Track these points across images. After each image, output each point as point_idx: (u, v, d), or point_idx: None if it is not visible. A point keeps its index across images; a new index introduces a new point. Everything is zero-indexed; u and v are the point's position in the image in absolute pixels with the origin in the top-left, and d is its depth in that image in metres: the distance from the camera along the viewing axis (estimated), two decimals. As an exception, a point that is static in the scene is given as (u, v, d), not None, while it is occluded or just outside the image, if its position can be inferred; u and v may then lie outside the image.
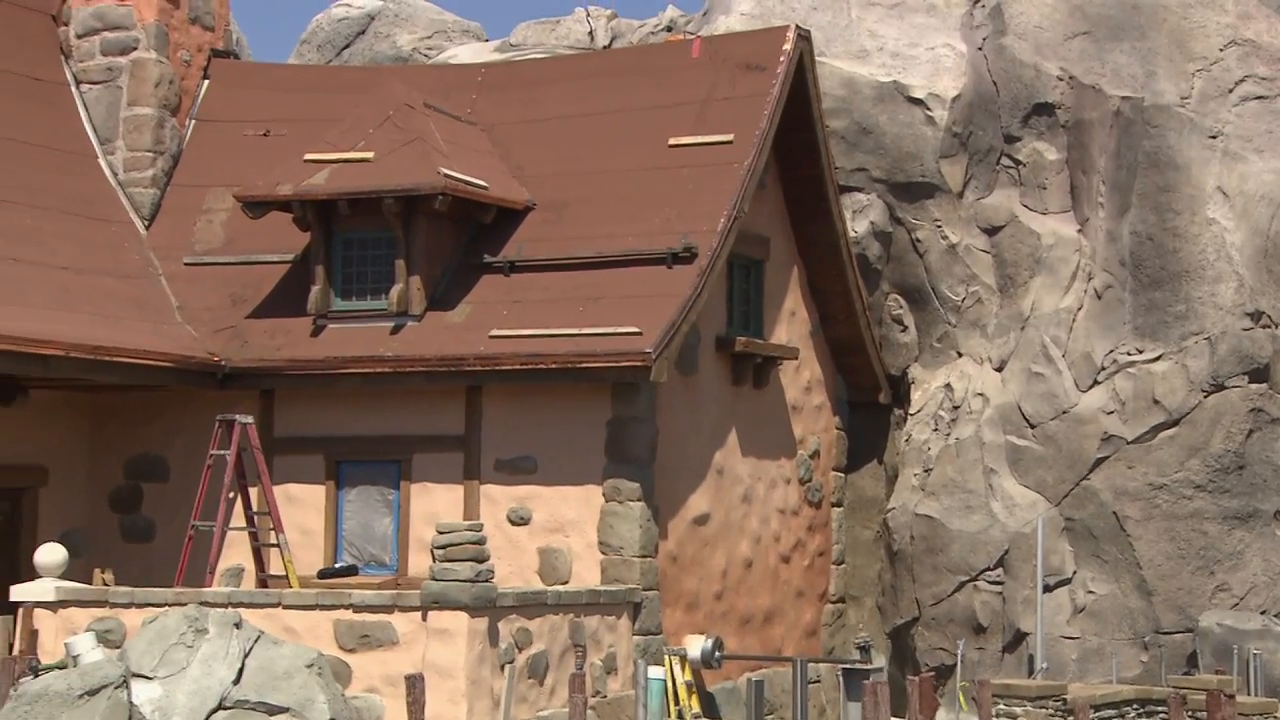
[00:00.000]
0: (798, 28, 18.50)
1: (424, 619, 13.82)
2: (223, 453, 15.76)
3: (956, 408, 20.08)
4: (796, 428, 19.50)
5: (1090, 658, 18.82)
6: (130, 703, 10.58)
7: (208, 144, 19.68)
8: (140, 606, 14.33)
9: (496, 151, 18.64)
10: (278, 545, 16.08)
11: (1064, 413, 19.30)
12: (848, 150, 20.44)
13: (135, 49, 19.30)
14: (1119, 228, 19.48)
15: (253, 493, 16.24)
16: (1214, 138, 19.41)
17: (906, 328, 20.86)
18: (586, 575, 16.38)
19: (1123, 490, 18.93)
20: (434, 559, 13.96)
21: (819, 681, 19.23)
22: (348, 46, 27.22)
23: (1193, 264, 19.06)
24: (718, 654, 17.08)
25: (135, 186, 19.17)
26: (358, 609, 14.04)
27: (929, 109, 20.47)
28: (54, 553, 15.08)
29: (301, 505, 17.24)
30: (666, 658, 16.54)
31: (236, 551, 16.57)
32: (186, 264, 18.67)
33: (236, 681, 10.77)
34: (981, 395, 19.91)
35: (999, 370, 20.03)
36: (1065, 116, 20.07)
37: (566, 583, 16.30)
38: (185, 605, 11.94)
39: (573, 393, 16.47)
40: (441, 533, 14.00)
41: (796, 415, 19.49)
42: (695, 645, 16.99)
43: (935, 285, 20.54)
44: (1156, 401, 18.94)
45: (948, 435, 19.95)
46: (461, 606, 13.74)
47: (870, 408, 20.76)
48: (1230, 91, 19.63)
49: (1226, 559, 18.72)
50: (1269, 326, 18.98)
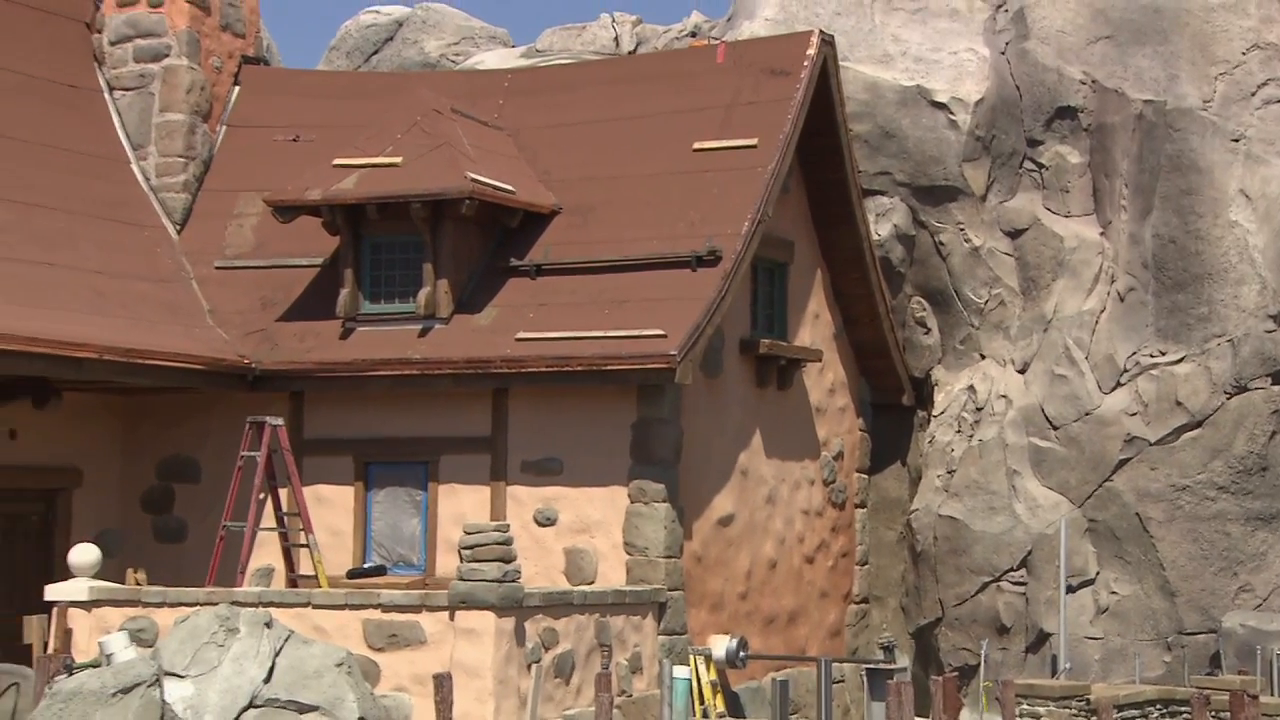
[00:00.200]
0: (821, 33, 18.46)
1: (451, 619, 13.83)
2: (253, 454, 15.78)
3: (979, 409, 20.01)
4: (820, 429, 19.46)
5: (1113, 658, 18.73)
6: (163, 701, 10.60)
7: (238, 149, 19.74)
8: (172, 606, 14.37)
9: (523, 156, 18.65)
10: (307, 546, 16.09)
11: (1087, 414, 19.21)
12: (871, 154, 20.39)
13: (167, 56, 19.38)
14: (1141, 230, 19.39)
15: (283, 494, 16.26)
16: (1236, 141, 19.31)
17: (930, 330, 20.80)
18: (612, 576, 16.37)
19: (1145, 491, 18.84)
20: (461, 559, 13.96)
21: (843, 681, 19.18)
22: (376, 53, 27.29)
23: (1215, 266, 18.96)
24: (742, 654, 17.05)
25: (167, 191, 19.25)
26: (386, 609, 14.05)
27: (952, 113, 20.41)
28: (88, 553, 15.13)
29: (331, 506, 17.27)
30: (691, 657, 16.52)
31: (267, 552, 16.60)
32: (217, 268, 18.74)
33: (267, 680, 10.78)
34: (1004, 397, 19.84)
35: (1022, 372, 19.95)
36: (1088, 120, 19.99)
37: (592, 583, 16.29)
38: (217, 605, 11.96)
39: (598, 395, 16.46)
40: (469, 533, 14.01)
41: (820, 417, 19.44)
42: (720, 645, 16.96)
43: (958, 288, 20.48)
44: (1179, 403, 18.84)
45: (971, 437, 19.89)
46: (488, 606, 13.74)
47: (894, 409, 20.71)
48: (1252, 95, 19.52)
49: (1249, 560, 18.62)
50: (1291, 328, 18.89)
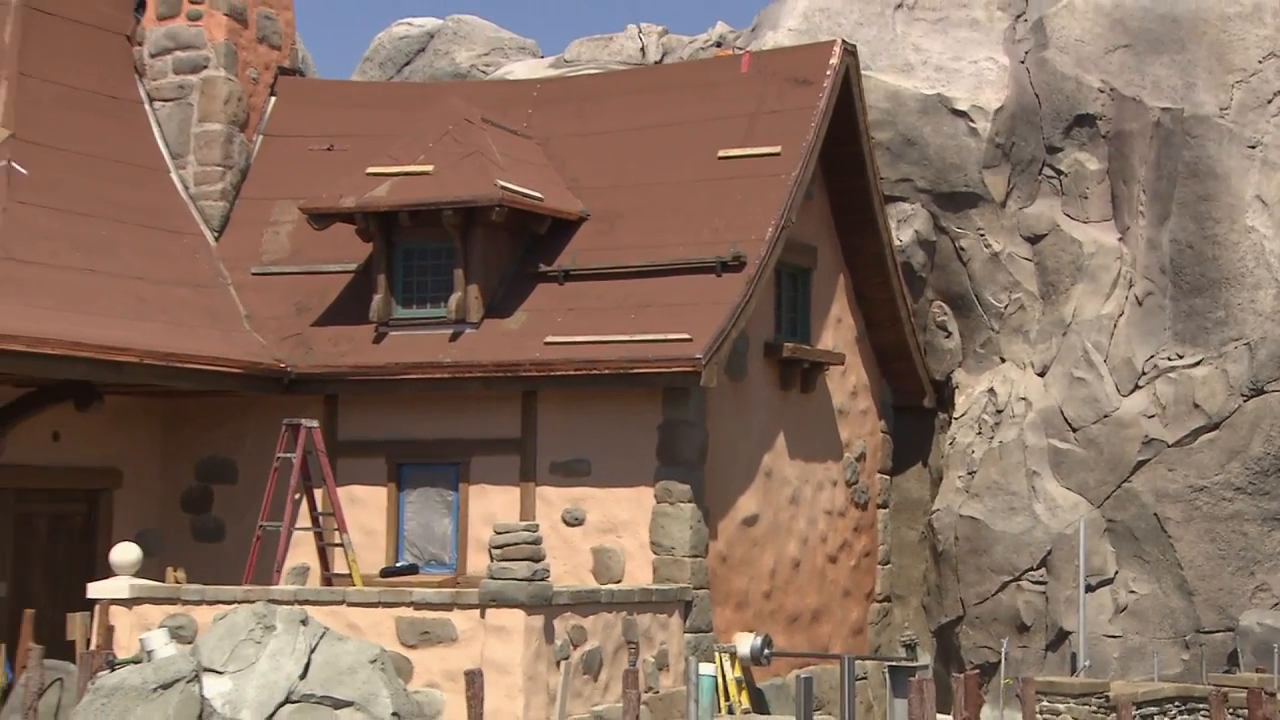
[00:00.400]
0: (844, 42, 18.45)
1: (482, 616, 13.86)
2: (289, 456, 15.83)
3: (1000, 412, 19.97)
4: (843, 431, 19.44)
5: (1132, 656, 18.67)
6: (202, 696, 10.65)
7: (274, 158, 19.81)
8: (211, 604, 14.42)
9: (551, 164, 18.68)
10: (342, 545, 16.14)
11: (1105, 416, 19.16)
12: (893, 161, 20.38)
13: (206, 67, 19.46)
14: (1159, 236, 19.33)
15: (318, 494, 16.32)
16: (1253, 148, 19.23)
17: (951, 334, 20.76)
18: (639, 574, 16.38)
19: (1164, 492, 18.78)
20: (492, 558, 13.99)
21: (866, 678, 19.16)
22: (409, 64, 27.35)
23: (1232, 271, 18.89)
24: (767, 651, 17.05)
25: (205, 199, 19.32)
26: (418, 606, 14.09)
27: (972, 121, 20.38)
28: (129, 552, 15.20)
29: (364, 506, 17.33)
30: (717, 655, 16.52)
31: (302, 551, 16.65)
32: (254, 274, 18.81)
33: (303, 676, 10.82)
34: (1024, 399, 19.80)
35: (1041, 375, 19.91)
36: (1106, 127, 19.93)
37: (619, 582, 16.31)
38: (254, 603, 12.01)
39: (625, 397, 16.48)
40: (499, 533, 14.04)
41: (843, 419, 19.43)
42: (745, 643, 16.96)
43: (979, 292, 20.44)
44: (1197, 405, 18.77)
45: (991, 439, 19.85)
46: (518, 604, 13.77)
47: (915, 412, 20.67)
48: (1269, 102, 19.44)
49: (1266, 560, 18.53)
50: (1308, 332, 18.79)
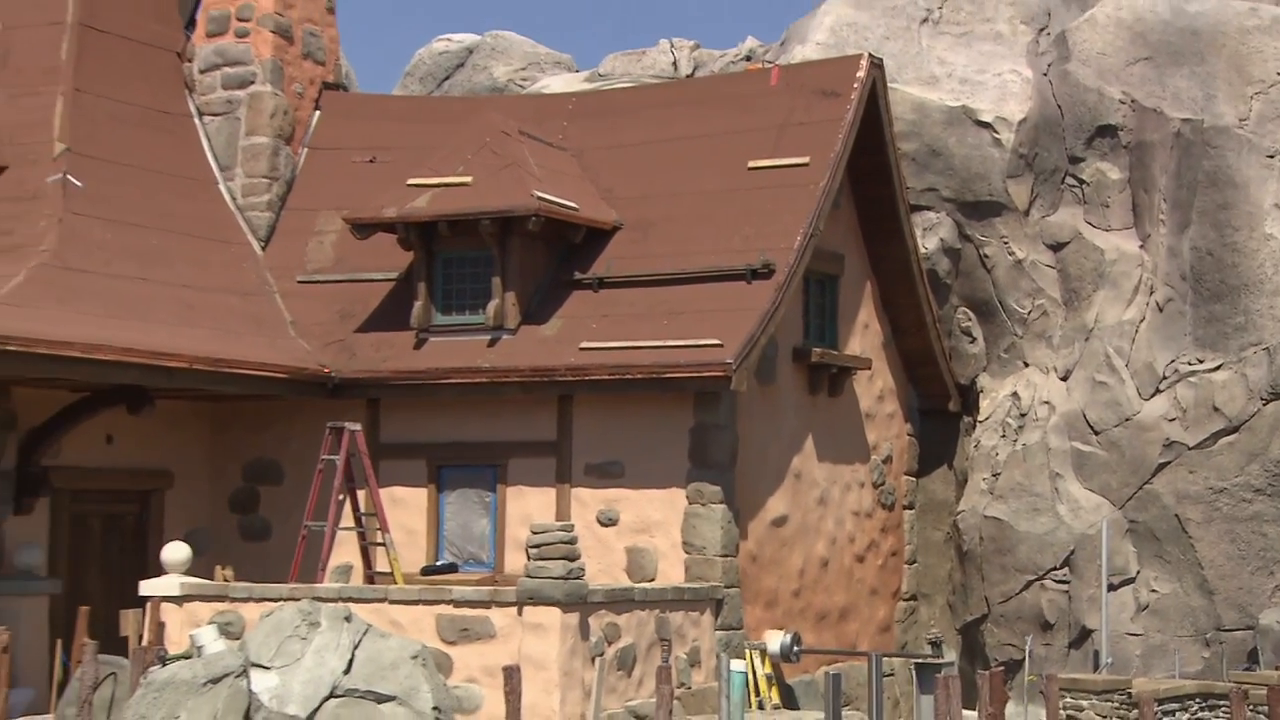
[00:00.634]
0: (871, 56, 18.42)
1: (520, 614, 13.89)
2: (333, 458, 15.89)
3: (1023, 415, 19.89)
4: (870, 434, 19.39)
5: (1154, 654, 18.56)
6: (249, 690, 10.68)
7: (319, 170, 19.90)
8: (258, 601, 14.50)
9: (586, 175, 18.70)
10: (384, 544, 16.19)
11: (1127, 420, 19.06)
12: (918, 171, 20.32)
13: (253, 83, 19.57)
14: (1180, 243, 19.22)
15: (360, 495, 16.37)
16: (1271, 157, 19.10)
17: (975, 339, 20.69)
18: (671, 573, 16.38)
19: (1184, 494, 18.67)
20: (529, 557, 14.01)
21: (893, 675, 19.09)
22: (448, 78, 27.43)
23: (1251, 278, 18.76)
24: (796, 648, 17.02)
25: (252, 210, 19.42)
26: (458, 604, 14.13)
27: (996, 132, 20.31)
28: (179, 551, 15.30)
29: (405, 507, 17.38)
30: (747, 652, 16.50)
31: (346, 550, 16.70)
32: (299, 282, 18.89)
33: (347, 671, 10.83)
34: (1047, 403, 19.71)
35: (1064, 379, 19.81)
36: (1127, 138, 19.84)
37: (652, 580, 16.31)
38: (299, 600, 12.02)
39: (658, 401, 16.49)
40: (535, 533, 14.06)
41: (870, 422, 19.38)
42: (774, 640, 16.94)
43: (1002, 299, 20.37)
44: (1217, 409, 18.66)
45: (1015, 441, 19.76)
46: (554, 602, 13.79)
47: (940, 415, 20.60)
48: (1287, 112, 19.32)
49: (1286, 560, 18.39)
50: (1326, 337, 18.66)
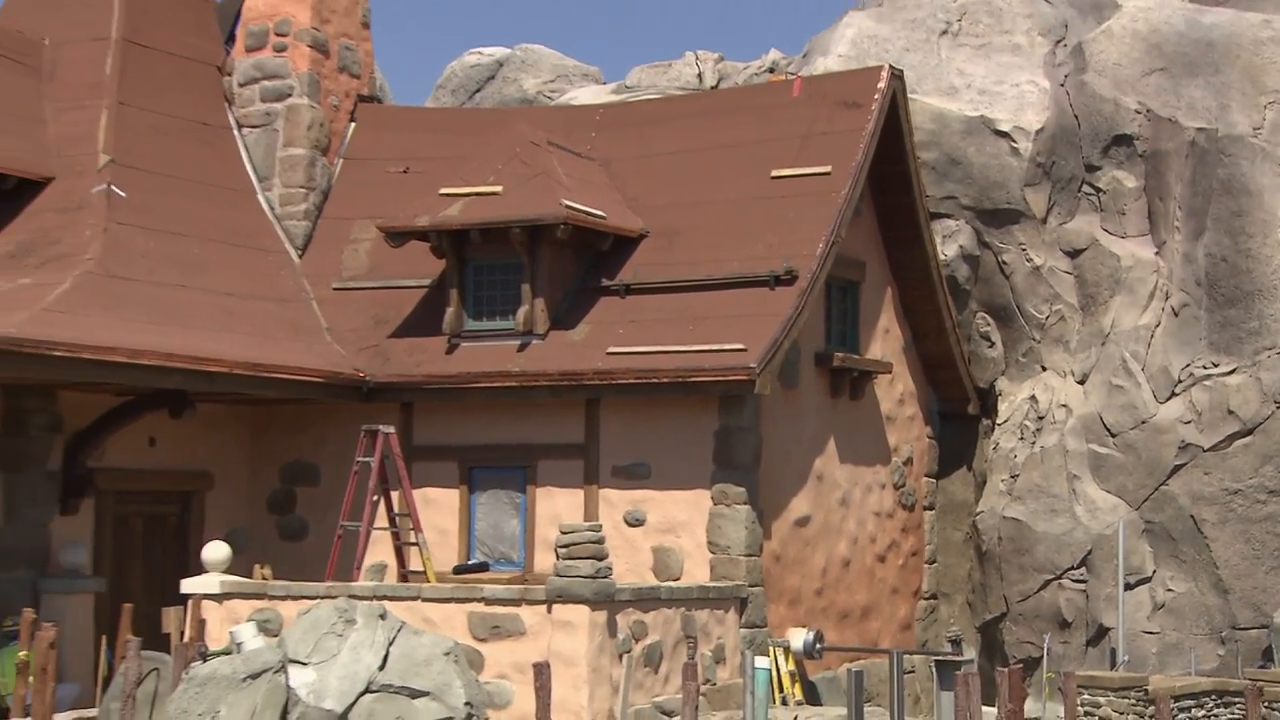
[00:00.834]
0: (891, 67, 18.38)
1: (549, 612, 13.89)
2: (367, 460, 15.91)
3: (1041, 418, 19.81)
4: (891, 437, 19.34)
5: (1169, 652, 18.46)
6: (288, 686, 10.70)
7: (354, 180, 19.95)
8: (295, 599, 14.51)
9: (613, 184, 18.71)
10: (417, 544, 16.20)
11: (1143, 423, 18.96)
12: (938, 180, 20.28)
13: (290, 96, 19.63)
14: (1194, 250, 19.12)
15: (394, 496, 16.38)
16: (1285, 165, 19.00)
17: (994, 344, 20.62)
18: (697, 572, 16.37)
19: (1199, 495, 18.56)
20: (558, 557, 14.01)
21: (913, 672, 19.04)
22: (479, 90, 27.51)
23: (1265, 283, 18.65)
24: (819, 646, 16.98)
25: (290, 219, 19.47)
26: (489, 602, 14.13)
27: (1014, 141, 20.25)
28: (219, 550, 15.32)
29: (438, 507, 17.41)
30: (771, 649, 16.47)
31: (380, 549, 16.72)
32: (335, 289, 18.94)
33: (382, 667, 10.85)
34: (1065, 406, 19.63)
35: (1081, 383, 19.73)
36: (1143, 147, 19.75)
37: (678, 579, 16.29)
38: (335, 598, 12.03)
39: (683, 404, 16.48)
40: (564, 533, 14.05)
41: (890, 425, 19.33)
42: (798, 637, 16.90)
43: (1020, 304, 20.29)
44: (1231, 412, 18.55)
45: (1033, 444, 19.69)
46: (583, 600, 13.78)
47: (960, 418, 20.54)
48: (1300, 121, 19.20)
49: (1300, 560, 18.27)
50: (1339, 341, 18.53)
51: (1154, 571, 18.80)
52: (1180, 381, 18.95)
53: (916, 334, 19.76)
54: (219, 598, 14.89)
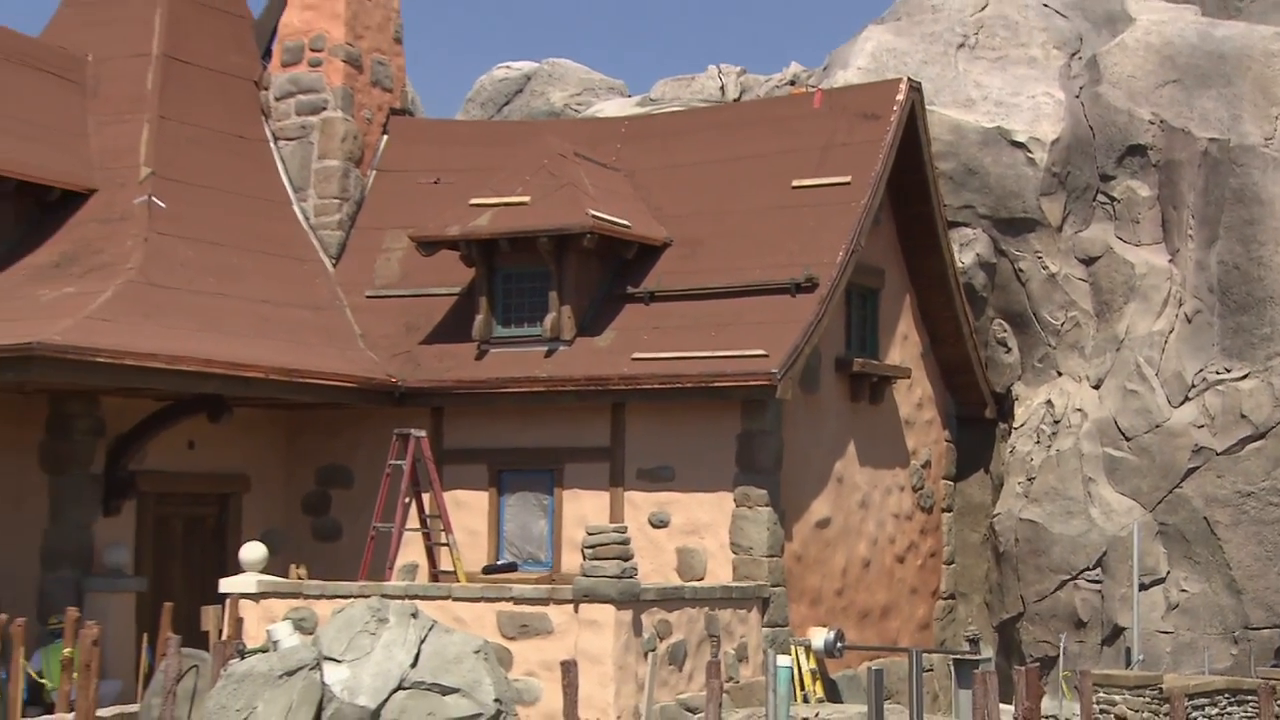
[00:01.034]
0: (909, 80, 18.35)
1: (576, 611, 13.90)
2: (399, 463, 15.95)
3: (1057, 422, 19.74)
4: (909, 440, 19.30)
5: (1183, 651, 18.36)
6: (322, 682, 10.72)
7: (386, 191, 20.02)
8: (330, 598, 14.55)
9: (638, 194, 18.72)
10: (447, 544, 16.24)
11: (1157, 427, 18.87)
12: (955, 189, 20.23)
13: (325, 109, 19.72)
14: (1207, 258, 19.03)
15: (426, 498, 16.42)
16: (1296, 174, 18.89)
17: (1010, 349, 20.56)
18: (720, 573, 16.35)
19: (1213, 497, 18.46)
20: (584, 558, 14.02)
21: (932, 670, 18.98)
22: (508, 103, 27.57)
23: (1276, 290, 18.55)
24: (839, 645, 16.95)
25: (324, 229, 19.55)
26: (518, 601, 14.15)
27: (1030, 151, 20.19)
28: (256, 550, 15.37)
29: (468, 509, 17.44)
30: (793, 647, 16.45)
31: (412, 550, 16.77)
32: (368, 296, 19.00)
33: (414, 665, 10.85)
34: (1080, 411, 19.55)
35: (1096, 388, 19.65)
36: (1156, 157, 19.67)
37: (702, 579, 16.28)
38: (369, 597, 12.04)
39: (706, 409, 16.47)
40: (591, 534, 14.06)
41: (909, 429, 19.29)
42: (819, 636, 16.87)
43: (1037, 311, 20.23)
44: (1244, 416, 18.45)
45: (1049, 447, 19.62)
46: (609, 600, 13.79)
47: (977, 422, 20.47)
48: (1311, 131, 19.10)
49: (1312, 562, 18.15)
50: (1350, 347, 18.41)
51: (1168, 572, 18.70)
52: (1193, 386, 18.86)
53: (935, 340, 19.71)
54: (256, 597, 14.95)
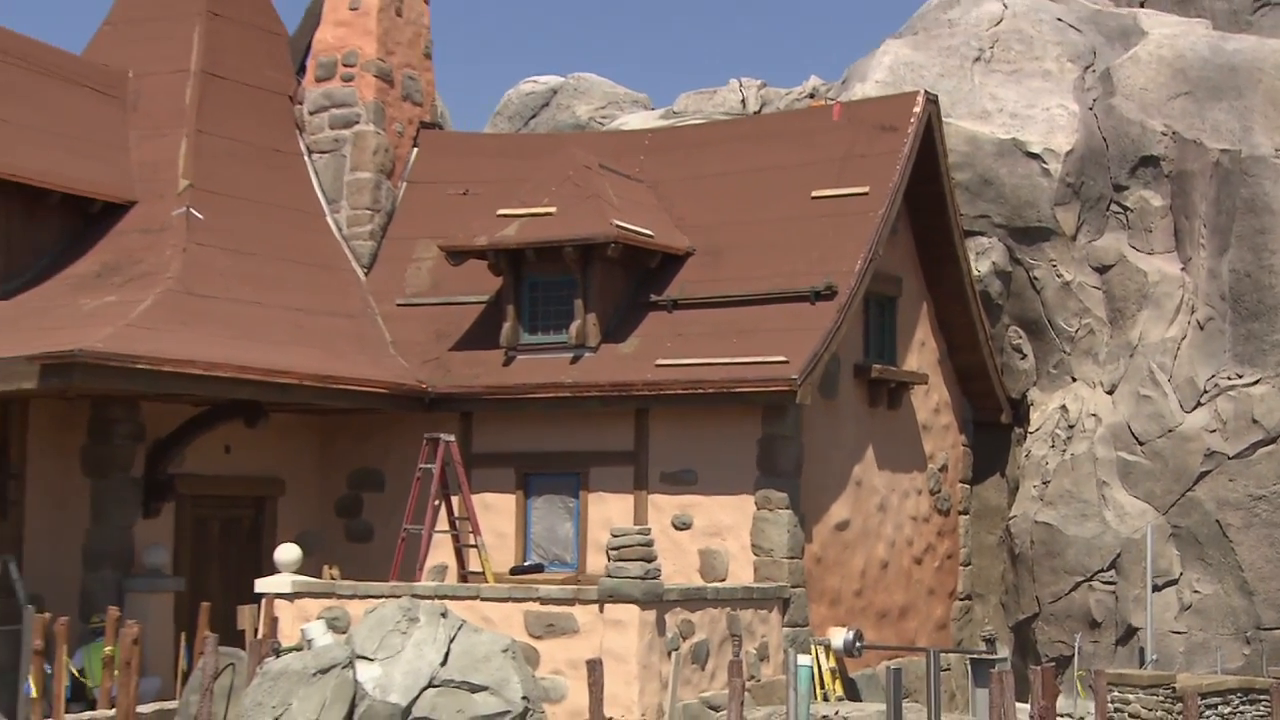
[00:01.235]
0: (926, 93, 18.33)
1: (601, 611, 13.91)
2: (429, 466, 15.98)
3: (1072, 427, 19.67)
4: (926, 445, 19.25)
5: (1196, 651, 18.26)
6: (355, 680, 10.76)
7: (417, 202, 20.08)
8: (362, 598, 14.57)
9: (661, 205, 18.74)
10: (476, 546, 16.27)
11: (1170, 431, 18.79)
12: (971, 199, 20.19)
13: (357, 123, 19.79)
14: (1219, 266, 18.94)
15: (455, 501, 16.46)
16: (1307, 183, 18.78)
17: (1026, 356, 20.50)
18: (741, 574, 16.35)
19: (1225, 501, 18.37)
20: (609, 559, 14.02)
21: (949, 670, 18.93)
22: (534, 117, 27.62)
23: (1288, 297, 18.47)
24: (858, 644, 16.92)
25: (356, 239, 19.62)
26: (544, 601, 14.15)
27: (1045, 162, 20.14)
28: (290, 551, 15.41)
29: (496, 511, 17.46)
30: (813, 647, 16.42)
31: (441, 551, 16.80)
32: (398, 305, 19.06)
33: (443, 663, 10.88)
34: (1094, 416, 19.48)
35: (1110, 393, 19.58)
36: (1169, 167, 19.59)
37: (724, 580, 16.28)
38: (400, 597, 12.09)
39: (728, 414, 16.47)
40: (615, 536, 14.07)
41: (926, 434, 19.24)
42: (838, 636, 16.85)
43: (1051, 318, 20.16)
44: (1255, 421, 18.36)
45: (1064, 451, 19.55)
46: (633, 600, 13.79)
47: (993, 427, 20.41)
48: (1321, 142, 18.99)
49: (1323, 564, 18.04)
50: (1361, 353, 18.29)
51: (1181, 574, 18.61)
52: (1205, 392, 18.76)
53: (951, 346, 19.67)
54: (290, 597, 14.98)
